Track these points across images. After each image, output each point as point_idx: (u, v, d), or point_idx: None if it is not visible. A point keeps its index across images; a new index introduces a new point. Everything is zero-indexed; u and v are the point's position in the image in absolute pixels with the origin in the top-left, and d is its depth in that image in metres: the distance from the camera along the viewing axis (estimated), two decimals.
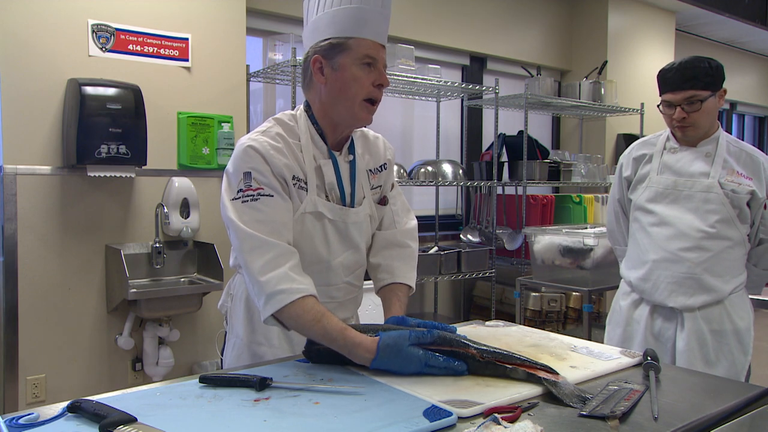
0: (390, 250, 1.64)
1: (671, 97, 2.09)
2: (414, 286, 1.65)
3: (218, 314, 3.31)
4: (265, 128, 1.48)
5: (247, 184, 1.38)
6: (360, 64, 1.43)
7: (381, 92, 1.48)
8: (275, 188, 1.40)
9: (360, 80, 1.44)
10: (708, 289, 2.08)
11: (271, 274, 1.33)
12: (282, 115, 1.52)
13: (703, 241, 2.08)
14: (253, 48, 3.69)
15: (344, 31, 1.43)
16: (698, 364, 2.08)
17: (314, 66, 1.46)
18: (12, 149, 2.75)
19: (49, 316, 2.86)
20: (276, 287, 1.32)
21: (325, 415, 1.05)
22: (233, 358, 1.57)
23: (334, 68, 1.44)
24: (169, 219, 3.06)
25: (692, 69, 2.05)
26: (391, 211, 1.67)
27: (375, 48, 1.45)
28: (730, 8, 5.17)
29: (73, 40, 2.87)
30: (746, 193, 2.07)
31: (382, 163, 1.64)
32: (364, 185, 1.57)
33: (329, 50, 1.44)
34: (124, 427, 0.96)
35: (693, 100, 2.06)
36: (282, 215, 1.40)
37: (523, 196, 4.42)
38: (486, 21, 4.78)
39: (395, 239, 1.65)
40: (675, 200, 2.14)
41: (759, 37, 6.67)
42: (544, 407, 1.10)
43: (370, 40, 1.44)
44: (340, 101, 1.46)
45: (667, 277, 2.11)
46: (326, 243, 1.50)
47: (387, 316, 1.54)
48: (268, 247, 1.35)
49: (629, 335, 2.24)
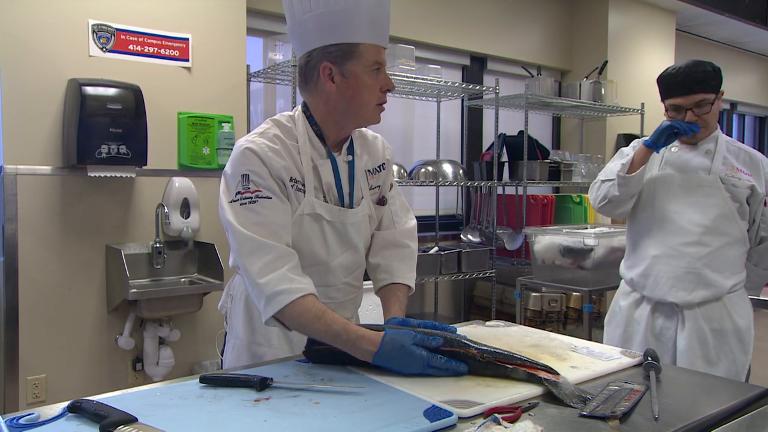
0: (389, 250, 1.64)
1: (682, 101, 2.10)
2: (413, 286, 1.64)
3: (218, 314, 3.29)
4: (262, 130, 1.47)
5: (245, 187, 1.38)
6: (370, 71, 1.42)
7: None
8: (273, 190, 1.39)
9: (371, 87, 1.43)
10: (708, 284, 2.08)
11: (270, 276, 1.32)
12: (280, 117, 1.51)
13: (703, 236, 2.09)
14: (253, 48, 3.69)
15: (353, 36, 1.39)
16: (699, 364, 2.08)
17: (324, 73, 1.42)
18: (12, 149, 2.75)
19: (49, 316, 2.86)
20: (275, 288, 1.32)
21: (325, 415, 1.05)
22: (233, 359, 1.57)
23: (345, 75, 1.41)
24: (170, 219, 3.06)
25: (700, 73, 2.07)
26: (390, 211, 1.66)
27: (382, 53, 1.44)
28: (731, 8, 5.17)
29: (74, 40, 2.87)
30: (746, 187, 2.10)
31: (380, 164, 1.63)
32: (362, 185, 1.57)
33: (339, 57, 1.40)
34: (124, 427, 0.96)
35: (703, 104, 2.08)
36: (280, 217, 1.39)
37: (524, 196, 4.42)
38: (486, 21, 4.78)
39: (394, 239, 1.65)
40: (675, 195, 2.15)
41: (759, 37, 6.67)
42: (545, 407, 1.10)
43: (379, 45, 1.42)
44: (352, 108, 1.45)
45: (667, 272, 2.12)
46: (325, 244, 1.50)
47: (386, 316, 1.53)
48: (267, 249, 1.34)
49: (629, 335, 2.24)
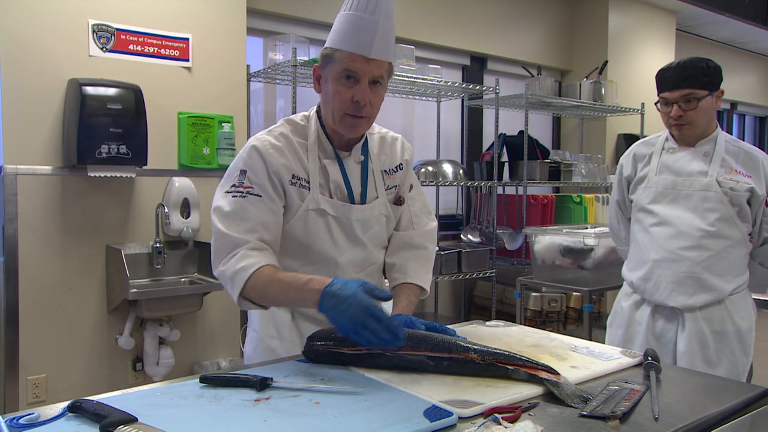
0: (406, 251, 1.66)
1: (668, 95, 2.11)
2: (428, 288, 1.65)
3: (218, 314, 3.32)
4: (272, 128, 1.54)
5: (241, 181, 1.45)
6: (340, 78, 1.42)
7: (363, 108, 1.43)
8: (265, 189, 1.45)
9: (339, 94, 1.43)
10: (708, 288, 2.08)
11: (230, 262, 1.40)
12: (295, 116, 1.58)
13: (702, 240, 2.08)
14: (253, 48, 3.69)
15: (333, 42, 1.43)
16: (699, 365, 2.07)
17: (314, 75, 1.50)
18: (12, 149, 2.75)
19: (49, 316, 2.86)
20: (234, 269, 1.38)
21: (325, 415, 1.05)
22: (251, 351, 1.63)
23: (324, 79, 1.47)
24: (170, 219, 3.06)
25: (690, 68, 2.07)
26: (410, 212, 1.68)
27: (356, 61, 1.39)
28: (731, 8, 5.17)
29: (74, 40, 2.87)
30: (745, 190, 2.08)
31: (397, 164, 1.65)
32: (378, 185, 1.59)
33: (323, 60, 1.45)
34: (124, 427, 0.96)
35: (690, 98, 2.07)
36: (264, 216, 1.44)
37: (524, 196, 4.42)
38: (486, 21, 4.78)
39: (411, 241, 1.67)
40: (674, 200, 2.15)
41: (759, 37, 6.66)
42: (545, 407, 1.10)
43: (351, 52, 1.39)
44: (327, 112, 1.49)
45: (667, 277, 2.12)
46: (332, 240, 1.52)
47: (393, 313, 1.54)
48: (236, 244, 1.41)
49: (630, 336, 2.24)
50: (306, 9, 3.82)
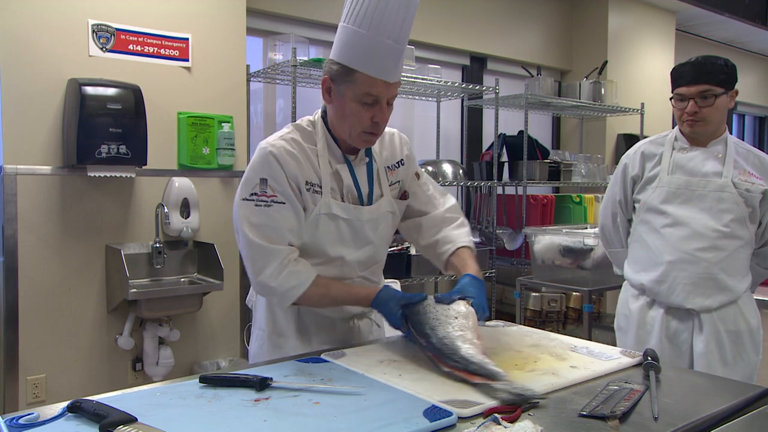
0: (444, 225, 1.73)
1: (685, 90, 2.09)
2: (474, 248, 1.72)
3: (218, 314, 3.32)
4: (283, 133, 1.55)
5: (263, 190, 1.48)
6: (360, 100, 1.44)
7: (381, 127, 1.49)
8: (288, 196, 1.48)
9: (358, 115, 1.46)
10: (724, 289, 2.06)
11: (280, 278, 1.46)
12: (301, 121, 1.59)
13: (718, 241, 2.06)
14: (253, 48, 3.69)
15: (353, 61, 1.42)
16: (717, 366, 2.05)
17: (323, 85, 1.50)
18: (12, 149, 2.75)
19: (49, 316, 2.86)
20: (285, 286, 1.46)
21: (325, 415, 1.05)
22: (256, 349, 1.66)
23: (339, 94, 1.47)
24: (170, 219, 3.06)
25: (709, 65, 2.07)
26: (426, 195, 1.74)
27: (379, 86, 1.43)
28: (731, 8, 5.17)
29: (74, 40, 2.87)
30: (759, 192, 2.07)
31: (399, 159, 1.68)
32: (382, 183, 1.62)
33: (337, 76, 1.46)
34: (124, 427, 0.97)
35: (707, 95, 2.06)
36: (290, 222, 1.48)
37: (524, 196, 4.42)
38: (486, 21, 4.78)
39: (443, 217, 1.74)
40: (687, 200, 2.11)
41: (759, 37, 6.66)
42: (545, 407, 1.10)
43: (375, 77, 1.41)
44: (341, 126, 1.51)
45: (684, 278, 2.08)
46: (341, 241, 1.56)
47: (462, 273, 1.62)
48: (275, 254, 1.46)
49: (642, 339, 2.18)
50: (306, 9, 3.82)
